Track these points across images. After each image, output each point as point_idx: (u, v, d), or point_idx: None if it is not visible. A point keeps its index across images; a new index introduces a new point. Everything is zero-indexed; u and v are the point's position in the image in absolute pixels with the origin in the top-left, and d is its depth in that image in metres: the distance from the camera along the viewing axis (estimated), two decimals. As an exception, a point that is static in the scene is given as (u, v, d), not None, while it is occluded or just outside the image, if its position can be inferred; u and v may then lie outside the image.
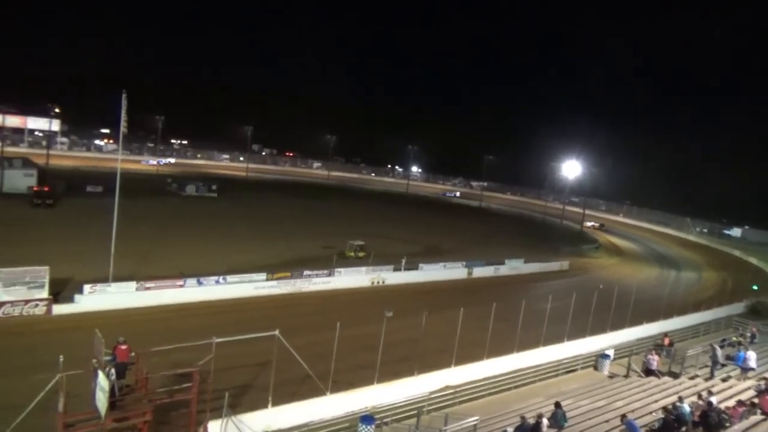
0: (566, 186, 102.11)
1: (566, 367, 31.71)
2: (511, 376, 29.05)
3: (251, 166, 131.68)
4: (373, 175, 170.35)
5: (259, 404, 21.30)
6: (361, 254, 53.38)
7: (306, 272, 42.59)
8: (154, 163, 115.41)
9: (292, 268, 43.51)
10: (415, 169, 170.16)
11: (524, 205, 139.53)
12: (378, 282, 46.68)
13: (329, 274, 43.77)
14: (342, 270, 45.07)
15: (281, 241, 56.86)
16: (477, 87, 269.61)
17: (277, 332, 21.02)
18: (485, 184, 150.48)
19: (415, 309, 31.72)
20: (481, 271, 55.26)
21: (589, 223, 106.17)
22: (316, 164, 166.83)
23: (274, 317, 31.50)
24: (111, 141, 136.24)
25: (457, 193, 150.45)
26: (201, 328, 27.37)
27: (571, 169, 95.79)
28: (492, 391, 27.30)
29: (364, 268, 46.89)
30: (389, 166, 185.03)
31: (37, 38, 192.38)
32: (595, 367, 32.16)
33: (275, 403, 21.15)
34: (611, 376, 31.12)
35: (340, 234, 60.12)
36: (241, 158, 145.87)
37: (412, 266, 50.02)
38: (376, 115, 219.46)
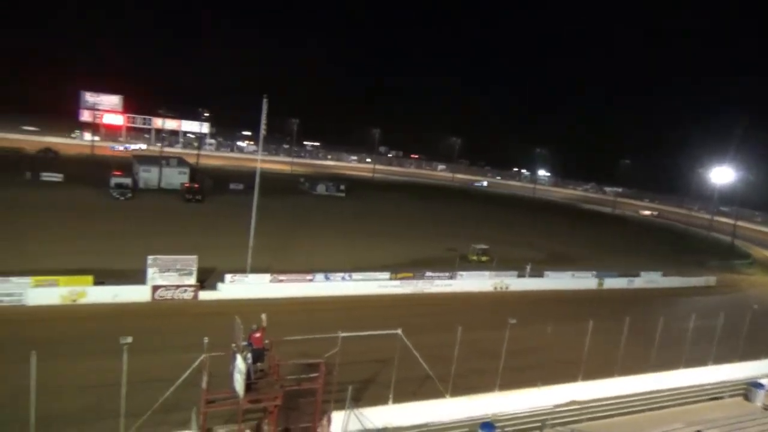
0: (715, 194, 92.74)
1: (710, 394, 28.74)
2: (646, 397, 26.89)
3: (378, 167, 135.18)
4: (498, 178, 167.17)
5: (380, 400, 21.76)
6: (484, 258, 52.57)
7: (428, 274, 42.81)
8: (121, 149, 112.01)
9: (415, 269, 43.97)
10: (542, 172, 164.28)
11: (665, 214, 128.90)
12: (501, 287, 45.67)
13: (451, 277, 43.63)
14: (464, 273, 44.72)
15: (405, 242, 57.69)
16: (613, 86, 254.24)
17: (399, 331, 21.34)
18: (620, 189, 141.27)
19: (540, 318, 30.61)
20: (613, 283, 51.89)
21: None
22: (441, 166, 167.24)
23: (396, 316, 32.03)
24: (251, 142, 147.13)
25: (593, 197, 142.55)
26: (327, 322, 28.55)
27: (722, 175, 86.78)
28: (623, 411, 25.50)
29: (487, 273, 46.12)
30: (515, 169, 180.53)
31: (192, 49, 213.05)
32: (746, 397, 28.80)
33: (396, 401, 21.48)
34: (766, 408, 27.71)
35: (463, 237, 59.68)
36: (368, 160, 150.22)
37: (537, 273, 48.32)
38: (502, 117, 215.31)
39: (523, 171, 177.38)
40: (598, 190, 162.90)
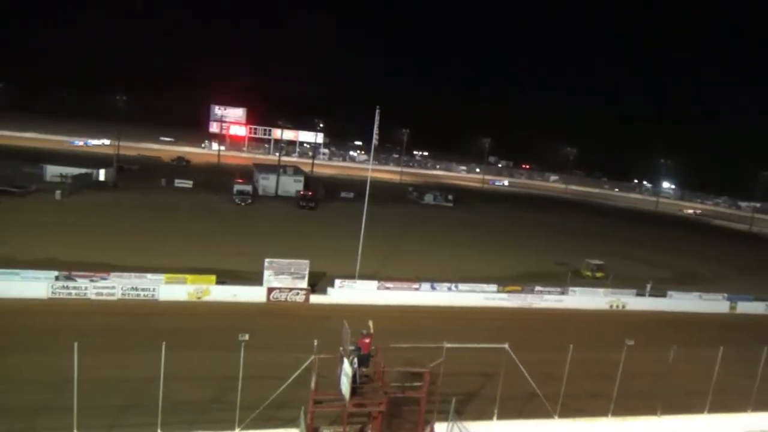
0: None
1: None
2: (786, 437, 24.00)
3: (487, 177, 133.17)
4: (616, 190, 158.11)
5: (484, 415, 21.32)
6: (598, 274, 49.80)
7: (538, 288, 41.35)
8: (81, 143, 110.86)
9: (524, 282, 42.67)
10: (666, 185, 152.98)
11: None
12: (617, 306, 42.98)
13: (562, 293, 41.80)
14: (577, 289, 42.63)
15: (513, 254, 56.25)
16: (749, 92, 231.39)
17: (506, 345, 20.80)
18: (758, 205, 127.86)
19: (661, 341, 28.39)
20: (749, 307, 46.90)
21: None
22: (553, 177, 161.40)
23: (502, 329, 31.22)
24: (362, 152, 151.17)
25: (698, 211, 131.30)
26: (432, 331, 28.54)
27: None
28: (757, 450, 22.96)
29: (601, 290, 43.61)
30: (635, 181, 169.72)
31: (310, 62, 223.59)
32: None
33: (500, 417, 20.94)
34: None
35: (576, 251, 57.02)
36: (478, 169, 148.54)
37: (658, 293, 44.91)
38: (622, 127, 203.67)
39: (645, 183, 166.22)
40: (731, 204, 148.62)
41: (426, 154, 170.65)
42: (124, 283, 33.17)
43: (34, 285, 31.78)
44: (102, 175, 70.68)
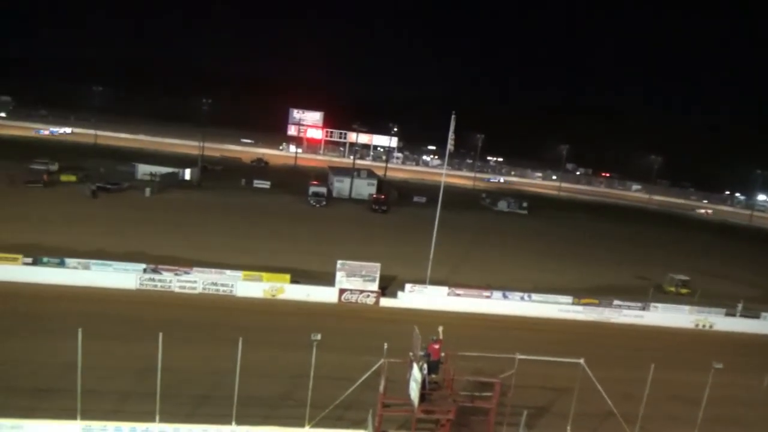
0: None
1: None
2: None
3: (563, 185, 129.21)
4: (705, 201, 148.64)
5: (555, 430, 20.65)
6: (683, 291, 46.97)
7: (616, 302, 39.57)
8: (47, 132, 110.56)
9: (601, 295, 40.94)
10: (763, 197, 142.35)
11: None
12: (703, 325, 40.38)
13: (643, 308, 39.78)
14: (659, 306, 40.41)
15: (590, 266, 54.13)
16: None
17: (581, 361, 20.04)
18: None
19: (752, 366, 26.47)
20: None
21: None
22: (635, 186, 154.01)
23: (576, 344, 30.19)
24: (436, 156, 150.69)
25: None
26: (503, 341, 27.99)
27: None
28: None
29: (687, 307, 41.10)
30: (727, 192, 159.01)
31: (384, 67, 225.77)
32: None
33: (573, 435, 20.19)
34: None
35: (660, 265, 54.08)
36: (554, 177, 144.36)
37: (751, 313, 41.79)
38: (712, 135, 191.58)
39: (737, 195, 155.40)
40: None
41: (501, 160, 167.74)
42: (205, 278, 34.79)
43: (124, 276, 33.98)
44: (187, 174, 74.48)
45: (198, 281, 34.57)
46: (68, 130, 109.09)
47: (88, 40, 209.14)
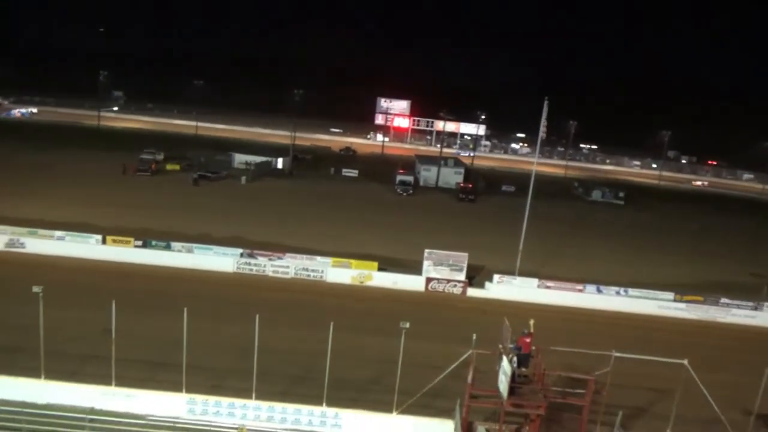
0: None
1: None
2: None
3: (665, 174, 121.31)
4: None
5: (654, 433, 19.61)
6: (803, 290, 42.79)
7: (724, 300, 36.75)
8: (17, 113, 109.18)
9: (706, 292, 38.16)
10: None
11: None
12: (827, 329, 36.66)
13: (756, 308, 36.68)
14: (774, 305, 37.12)
15: (693, 261, 50.59)
16: None
17: (685, 362, 18.83)
18: None
19: None
20: None
21: None
22: (747, 175, 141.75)
23: (678, 343, 28.42)
24: (525, 144, 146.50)
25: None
26: (597, 337, 26.86)
27: None
28: None
29: (807, 309, 37.45)
30: None
31: (472, 53, 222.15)
32: None
33: (674, 439, 19.08)
34: None
35: (774, 261, 49.63)
36: (654, 165, 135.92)
37: None
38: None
39: None
40: None
41: (595, 147, 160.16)
42: (297, 263, 36.09)
43: (223, 260, 35.98)
44: (280, 163, 77.32)
45: (290, 266, 35.93)
46: (34, 110, 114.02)
47: (188, 36, 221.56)
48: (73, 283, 30.42)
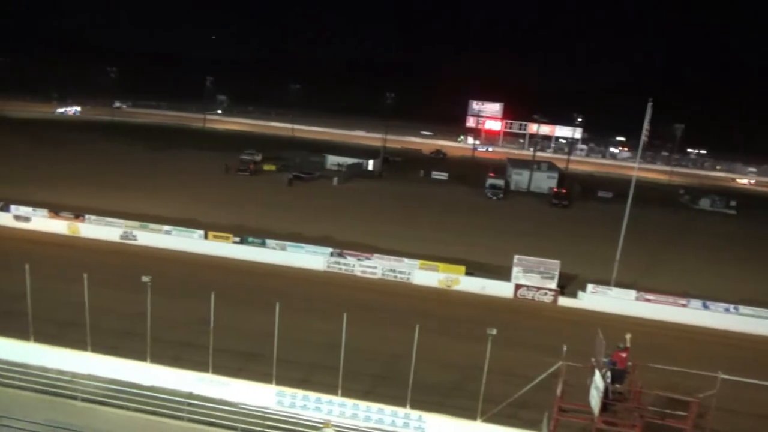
0: None
1: None
2: None
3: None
4: None
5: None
6: None
7: None
8: (62, 111, 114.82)
9: (833, 314, 34.30)
10: None
11: None
12: None
13: None
14: None
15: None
16: None
17: (806, 390, 17.04)
18: None
19: None
20: None
21: None
22: None
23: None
24: (625, 148, 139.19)
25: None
26: (701, 357, 25.00)
27: None
28: None
29: None
30: None
31: (572, 53, 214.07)
32: None
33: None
34: None
35: None
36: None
37: None
38: None
39: None
40: None
41: (704, 152, 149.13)
42: (384, 264, 36.44)
43: (314, 258, 37.08)
44: (371, 165, 78.61)
45: (378, 267, 36.36)
46: (78, 109, 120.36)
47: (285, 42, 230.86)
48: (177, 274, 32.59)
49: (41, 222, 40.08)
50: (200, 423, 19.44)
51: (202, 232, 38.82)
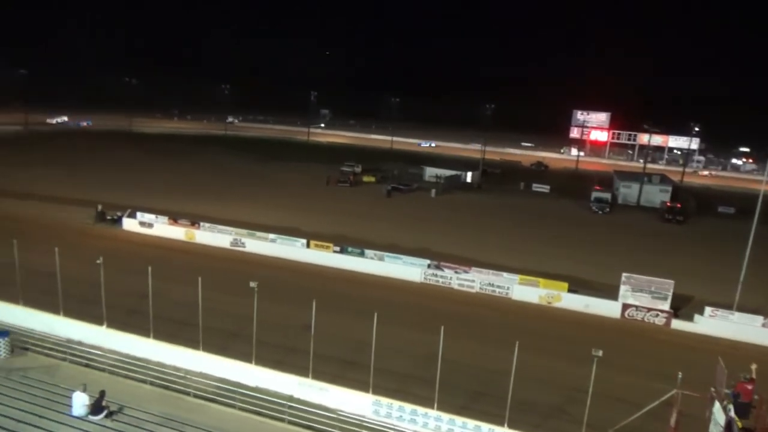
0: None
1: None
2: None
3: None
4: None
5: None
6: None
7: None
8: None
9: None
10: None
11: None
12: None
13: None
14: None
15: None
16: None
17: None
18: None
19: None
20: None
21: None
22: None
23: None
24: (750, 160, 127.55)
25: None
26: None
27: None
28: None
29: None
30: None
31: (687, 58, 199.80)
32: None
33: None
34: None
35: None
36: None
37: None
38: None
39: None
40: None
41: None
42: (483, 278, 35.82)
43: (411, 269, 37.24)
44: (469, 177, 77.91)
45: (476, 281, 35.80)
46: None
47: (397, 55, 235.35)
48: (281, 280, 34.01)
49: (162, 228, 43.58)
50: (300, 426, 20.03)
51: (304, 241, 40.32)
